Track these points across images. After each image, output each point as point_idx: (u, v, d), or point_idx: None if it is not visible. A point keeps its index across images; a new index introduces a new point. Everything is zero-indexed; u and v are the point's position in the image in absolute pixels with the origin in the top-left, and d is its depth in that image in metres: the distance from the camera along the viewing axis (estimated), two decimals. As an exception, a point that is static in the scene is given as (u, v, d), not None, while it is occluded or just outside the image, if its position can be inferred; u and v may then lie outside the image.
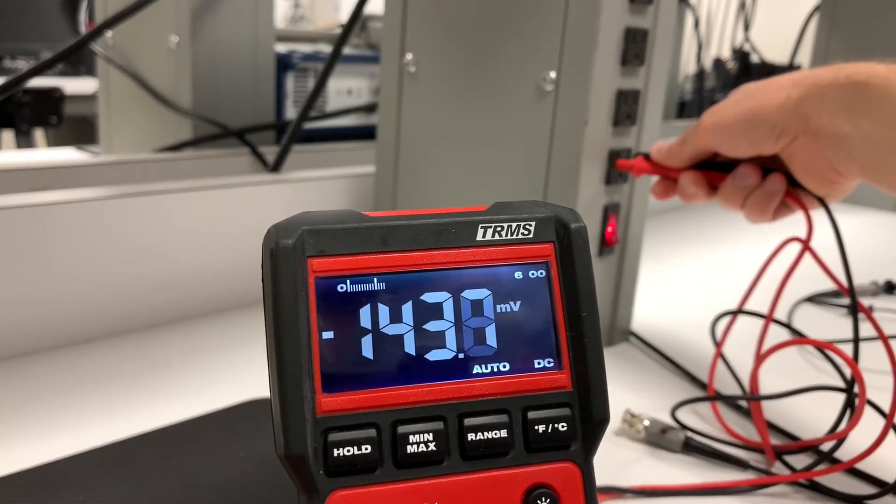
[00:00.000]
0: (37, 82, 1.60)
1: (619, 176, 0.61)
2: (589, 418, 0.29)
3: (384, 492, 0.27)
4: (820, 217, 0.53)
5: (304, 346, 0.27)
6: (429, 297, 0.29)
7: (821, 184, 0.50)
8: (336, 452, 0.26)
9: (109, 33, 0.94)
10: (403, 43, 0.69)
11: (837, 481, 0.47)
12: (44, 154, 1.29)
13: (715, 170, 0.55)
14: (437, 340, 0.28)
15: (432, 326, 0.28)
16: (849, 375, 0.50)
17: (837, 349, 0.47)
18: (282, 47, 0.98)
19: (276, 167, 0.78)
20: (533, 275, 0.30)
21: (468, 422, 0.28)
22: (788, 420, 0.54)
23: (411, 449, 0.27)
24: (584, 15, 0.56)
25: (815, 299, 0.81)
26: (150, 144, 0.91)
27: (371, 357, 0.28)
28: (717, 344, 0.61)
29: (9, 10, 2.04)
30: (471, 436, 0.28)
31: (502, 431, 0.28)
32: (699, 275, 0.90)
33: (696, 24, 1.49)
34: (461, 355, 0.29)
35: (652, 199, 0.62)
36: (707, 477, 0.48)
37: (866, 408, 0.45)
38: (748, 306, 0.59)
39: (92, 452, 0.44)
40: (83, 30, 1.06)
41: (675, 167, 0.56)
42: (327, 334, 0.27)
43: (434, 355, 0.28)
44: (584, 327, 0.29)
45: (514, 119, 0.62)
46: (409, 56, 0.68)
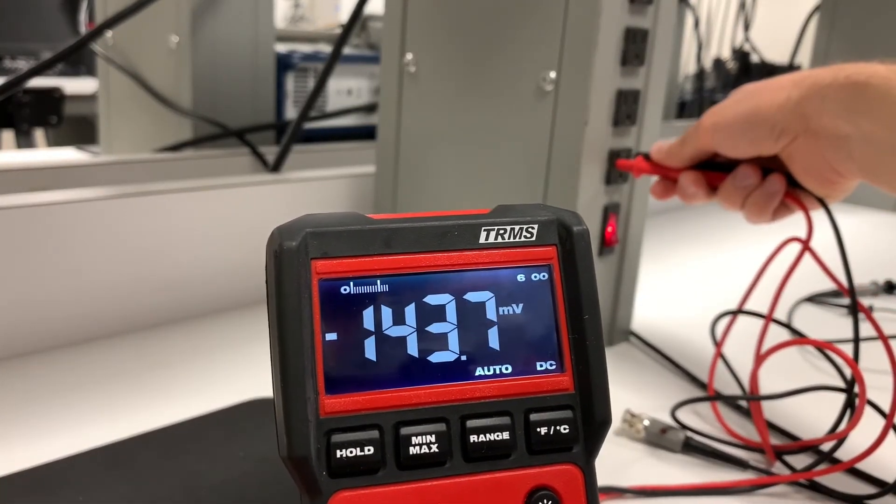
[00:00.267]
0: (37, 82, 1.60)
1: (619, 176, 0.61)
2: (591, 420, 0.29)
3: (387, 493, 0.27)
4: (820, 217, 0.53)
5: (308, 347, 0.27)
6: (432, 300, 0.29)
7: (820, 184, 0.50)
8: (339, 454, 0.27)
9: (109, 33, 0.94)
10: (403, 43, 0.69)
11: (837, 481, 0.47)
12: (44, 154, 1.29)
13: (715, 170, 0.55)
14: (440, 342, 0.28)
15: (435, 328, 0.29)
16: (849, 375, 0.50)
17: (837, 349, 0.47)
18: (282, 47, 0.98)
19: (276, 167, 0.78)
20: (535, 277, 0.30)
21: (470, 424, 0.28)
22: (788, 420, 0.54)
23: (414, 450, 0.27)
24: (584, 15, 0.56)
25: (815, 299, 0.81)
26: (150, 144, 0.91)
27: (374, 359, 0.28)
28: (717, 344, 0.61)
29: (9, 10, 2.04)
30: (473, 438, 0.28)
31: (504, 433, 0.28)
32: (699, 275, 0.90)
33: (696, 24, 1.49)
34: (464, 357, 0.29)
35: (652, 199, 0.62)
36: (707, 477, 0.48)
37: (866, 408, 0.45)
38: (748, 306, 0.59)
39: (92, 452, 0.44)
40: (83, 30, 1.06)
41: (674, 167, 0.56)
42: (330, 336, 0.27)
43: (437, 357, 0.28)
44: (586, 330, 0.29)
45: (514, 119, 0.62)
46: (409, 56, 0.68)
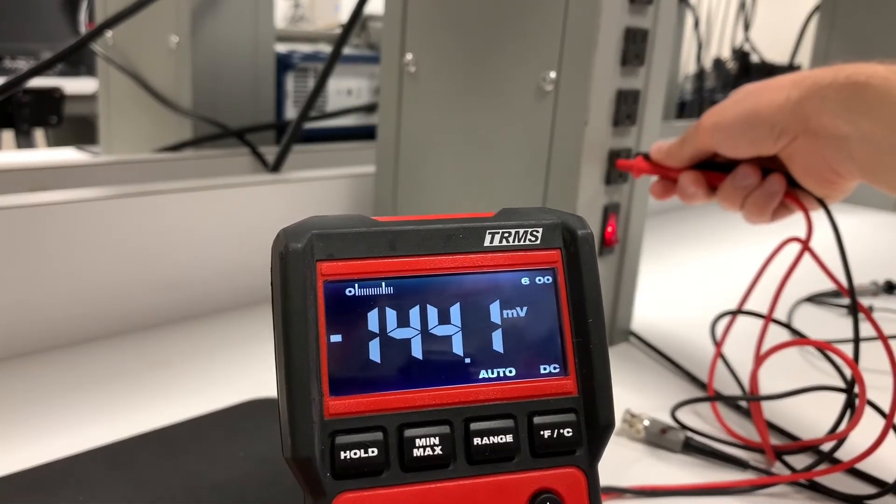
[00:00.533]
0: (37, 82, 1.60)
1: (619, 176, 0.61)
2: (594, 424, 0.29)
3: (390, 495, 0.27)
4: (820, 217, 0.53)
5: (313, 349, 0.27)
6: (436, 302, 0.29)
7: (820, 184, 0.50)
8: (343, 455, 0.27)
9: (109, 33, 0.94)
10: (403, 43, 0.69)
11: (837, 481, 0.47)
12: (44, 154, 1.29)
13: (714, 170, 0.55)
14: (444, 345, 0.29)
15: (439, 331, 0.29)
16: (849, 376, 0.50)
17: (837, 349, 0.47)
18: (282, 47, 0.98)
19: (276, 167, 0.78)
20: (540, 281, 0.30)
21: (474, 426, 0.28)
22: (788, 420, 0.54)
23: (417, 452, 0.27)
24: (584, 15, 0.56)
25: (815, 299, 0.81)
26: (150, 144, 0.91)
27: (378, 361, 0.28)
28: (717, 344, 0.61)
29: (9, 10, 2.04)
30: (477, 440, 0.28)
31: (508, 436, 0.28)
32: (699, 275, 0.90)
33: (696, 24, 1.49)
34: (468, 360, 0.29)
35: (652, 199, 0.62)
36: (707, 477, 0.48)
37: (866, 408, 0.45)
38: (748, 306, 0.59)
39: (92, 452, 0.44)
40: (83, 30, 1.06)
41: (674, 167, 0.56)
42: (335, 337, 0.27)
43: (441, 360, 0.28)
44: (590, 333, 0.29)
45: (514, 119, 0.62)
46: (409, 56, 0.68)
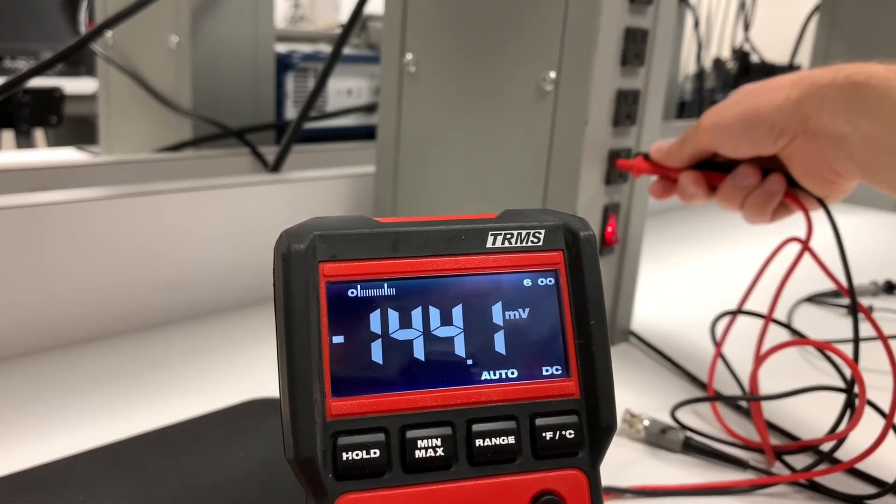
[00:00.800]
0: (37, 82, 1.60)
1: (619, 176, 0.61)
2: (596, 426, 0.29)
3: (392, 496, 0.27)
4: (819, 217, 0.53)
5: (315, 349, 0.27)
6: (438, 304, 0.29)
7: (820, 184, 0.50)
8: (345, 456, 0.27)
9: (109, 33, 0.94)
10: (403, 43, 0.69)
11: (837, 481, 0.47)
12: (44, 154, 1.29)
13: (714, 170, 0.55)
14: (446, 346, 0.29)
15: (441, 332, 0.29)
16: (849, 376, 0.50)
17: (837, 349, 0.47)
18: (282, 47, 0.98)
19: (276, 167, 0.78)
20: (542, 282, 0.30)
21: (476, 427, 0.28)
22: (788, 420, 0.54)
23: (419, 454, 0.27)
24: (584, 15, 0.56)
25: (815, 299, 0.81)
26: (150, 144, 0.91)
27: (380, 362, 0.28)
28: (717, 344, 0.61)
29: (9, 10, 2.04)
30: (478, 441, 0.28)
31: (510, 438, 0.28)
32: (699, 275, 0.90)
33: (696, 24, 1.49)
34: (470, 361, 0.29)
35: (652, 199, 0.62)
36: (707, 477, 0.48)
37: (866, 408, 0.45)
38: (748, 306, 0.59)
39: (92, 452, 0.44)
40: (83, 30, 1.06)
41: (674, 167, 0.56)
42: (337, 338, 0.27)
43: (443, 361, 0.28)
44: (592, 335, 0.29)
45: (514, 119, 0.62)
46: (409, 56, 0.68)
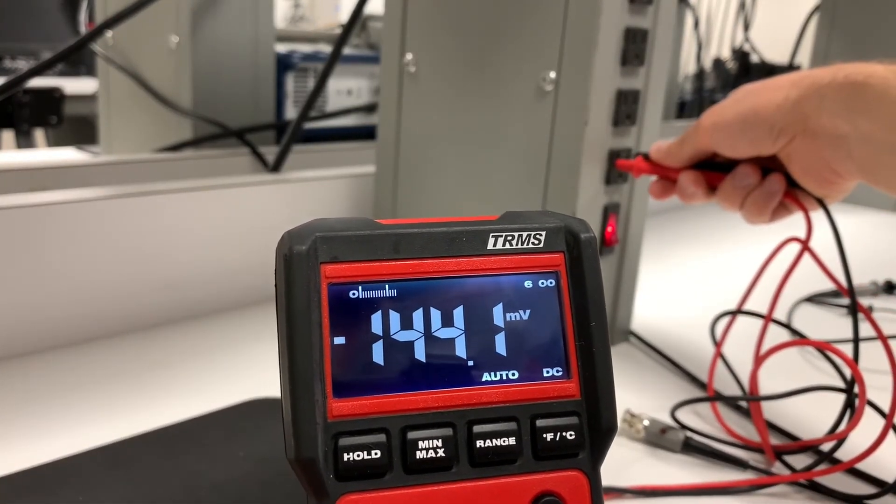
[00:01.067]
0: (37, 82, 1.60)
1: (619, 176, 0.61)
2: (597, 427, 0.29)
3: (393, 496, 0.27)
4: (819, 217, 0.53)
5: (316, 350, 0.27)
6: (439, 305, 0.29)
7: (819, 184, 0.50)
8: (346, 457, 0.27)
9: (109, 33, 0.94)
10: (403, 43, 0.69)
11: (837, 481, 0.47)
12: (44, 154, 1.29)
13: (714, 170, 0.55)
14: (447, 347, 0.29)
15: (442, 334, 0.29)
16: (849, 376, 0.50)
17: (837, 350, 0.47)
18: (282, 47, 0.98)
19: (276, 167, 0.78)
20: (543, 284, 0.30)
21: (477, 429, 0.28)
22: (788, 420, 0.54)
23: (420, 455, 0.27)
24: (584, 15, 0.56)
25: (815, 299, 0.81)
26: (150, 144, 0.91)
27: (382, 363, 0.28)
28: (717, 344, 0.61)
29: (9, 10, 2.04)
30: (479, 443, 0.28)
31: (511, 439, 0.28)
32: (699, 275, 0.90)
33: (696, 24, 1.49)
34: (471, 362, 0.29)
35: (652, 199, 0.62)
36: (707, 477, 0.48)
37: (866, 408, 0.45)
38: (748, 306, 0.59)
39: (92, 452, 0.44)
40: (83, 30, 1.06)
41: (674, 167, 0.56)
42: (339, 340, 0.27)
43: (444, 362, 0.28)
44: (593, 337, 0.30)
45: (514, 119, 0.62)
46: (409, 56, 0.68)
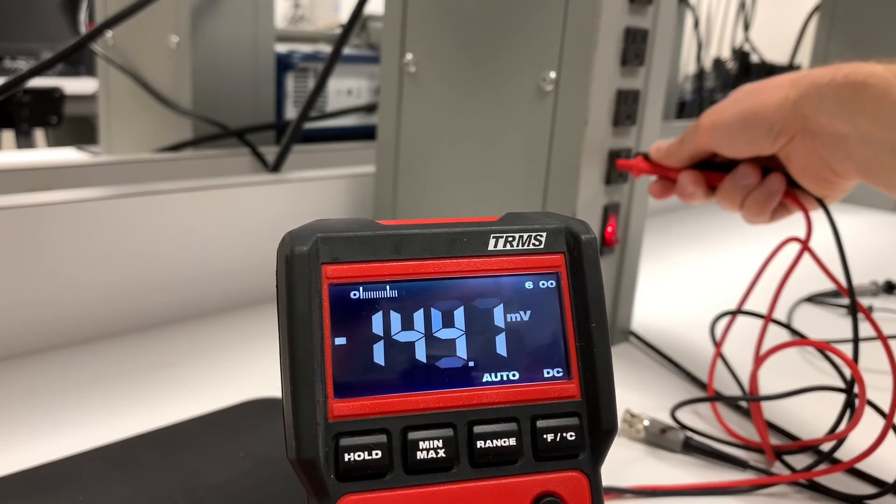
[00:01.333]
0: (37, 82, 1.61)
1: (619, 176, 0.61)
2: (597, 428, 0.29)
3: (394, 497, 0.27)
4: (819, 217, 0.53)
5: (317, 351, 0.27)
6: (440, 306, 0.29)
7: (819, 184, 0.50)
8: (347, 457, 0.27)
9: (109, 33, 0.94)
10: (403, 43, 0.69)
11: (837, 481, 0.47)
12: (44, 154, 1.29)
13: (714, 170, 0.55)
14: (448, 348, 0.29)
15: (443, 334, 0.29)
16: (848, 376, 0.50)
17: (837, 350, 0.47)
18: (282, 47, 0.98)
19: (276, 167, 0.78)
20: (543, 285, 0.30)
21: (477, 429, 0.28)
22: (788, 420, 0.54)
23: (421, 455, 0.27)
24: (584, 15, 0.56)
25: (815, 299, 0.81)
26: (150, 144, 0.91)
27: (382, 363, 0.28)
28: (717, 344, 0.61)
29: (9, 10, 2.04)
30: (480, 443, 0.28)
31: (511, 439, 0.28)
32: (699, 275, 0.90)
33: (696, 24, 1.49)
34: (471, 363, 0.29)
35: (652, 199, 0.62)
36: (707, 477, 0.48)
37: (866, 408, 0.45)
38: (748, 306, 0.59)
39: (92, 452, 0.44)
40: (83, 30, 1.06)
41: (673, 167, 0.56)
42: (340, 340, 0.27)
43: (444, 363, 0.29)
44: (593, 338, 0.30)
45: (514, 119, 0.62)
46: (409, 56, 0.68)
